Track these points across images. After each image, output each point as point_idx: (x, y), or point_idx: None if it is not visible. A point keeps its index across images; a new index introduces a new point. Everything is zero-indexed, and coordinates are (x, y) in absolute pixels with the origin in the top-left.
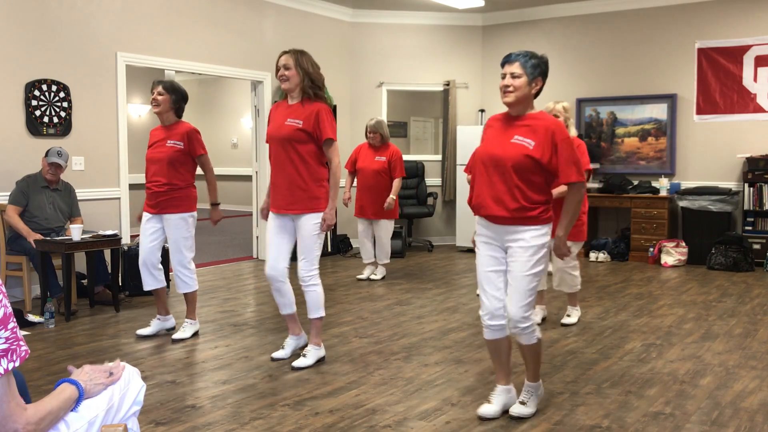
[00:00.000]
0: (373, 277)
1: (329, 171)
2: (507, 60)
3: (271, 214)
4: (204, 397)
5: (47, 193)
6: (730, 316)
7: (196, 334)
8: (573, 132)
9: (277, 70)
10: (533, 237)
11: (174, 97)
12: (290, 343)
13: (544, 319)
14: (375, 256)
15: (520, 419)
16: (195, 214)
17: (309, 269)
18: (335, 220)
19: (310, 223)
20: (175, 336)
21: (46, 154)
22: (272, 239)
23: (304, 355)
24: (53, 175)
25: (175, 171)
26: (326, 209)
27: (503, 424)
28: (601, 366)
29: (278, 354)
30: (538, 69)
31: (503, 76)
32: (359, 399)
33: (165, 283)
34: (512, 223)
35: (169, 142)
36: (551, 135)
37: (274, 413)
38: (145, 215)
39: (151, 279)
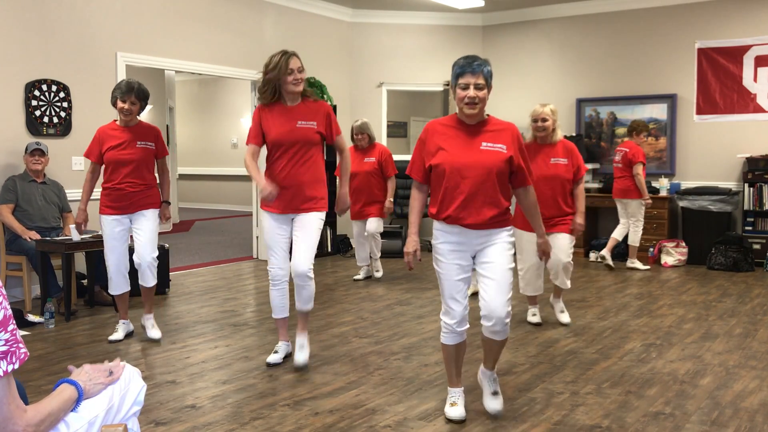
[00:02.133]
0: (376, 274)
1: (342, 159)
2: (470, 69)
3: (270, 214)
4: (204, 397)
5: (35, 186)
6: (730, 316)
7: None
8: (559, 135)
9: (285, 71)
10: (507, 236)
11: (143, 104)
12: (283, 348)
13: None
14: (370, 255)
15: (519, 418)
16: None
17: (311, 262)
18: (348, 205)
19: (317, 219)
20: (153, 335)
21: (26, 150)
22: (277, 240)
23: (301, 346)
24: (37, 163)
25: (148, 171)
26: (343, 193)
27: (504, 424)
28: (601, 366)
29: (273, 358)
30: (491, 76)
31: (465, 86)
32: (359, 399)
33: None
34: (489, 228)
35: (139, 143)
36: (516, 140)
37: (274, 413)
38: (110, 218)
39: (124, 282)
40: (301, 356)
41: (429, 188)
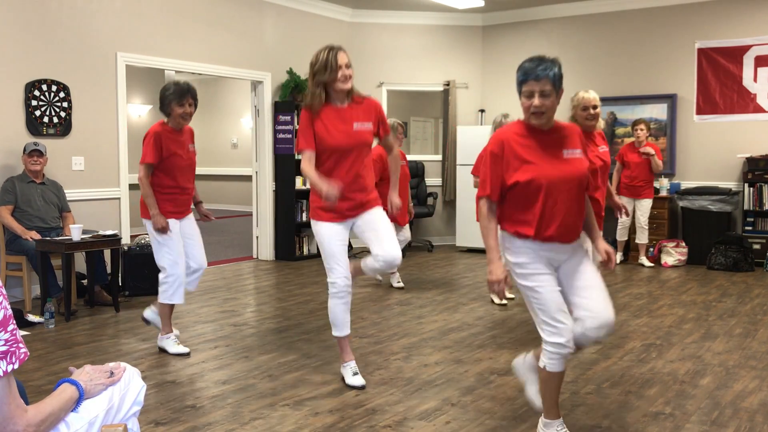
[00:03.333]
0: (398, 285)
1: (391, 159)
2: (534, 76)
3: (331, 225)
4: (204, 397)
5: (34, 186)
6: (730, 316)
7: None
8: (602, 124)
9: (331, 68)
10: (585, 240)
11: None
12: (353, 367)
13: None
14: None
15: (519, 417)
16: None
17: (399, 249)
18: (400, 204)
19: (380, 211)
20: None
21: (24, 151)
22: (340, 248)
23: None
24: (36, 163)
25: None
26: (393, 193)
27: (504, 424)
28: (601, 366)
29: (358, 381)
30: (561, 79)
31: (530, 94)
32: (359, 399)
33: None
34: (577, 238)
35: (190, 146)
36: (583, 143)
37: (274, 413)
38: (176, 222)
39: (182, 292)
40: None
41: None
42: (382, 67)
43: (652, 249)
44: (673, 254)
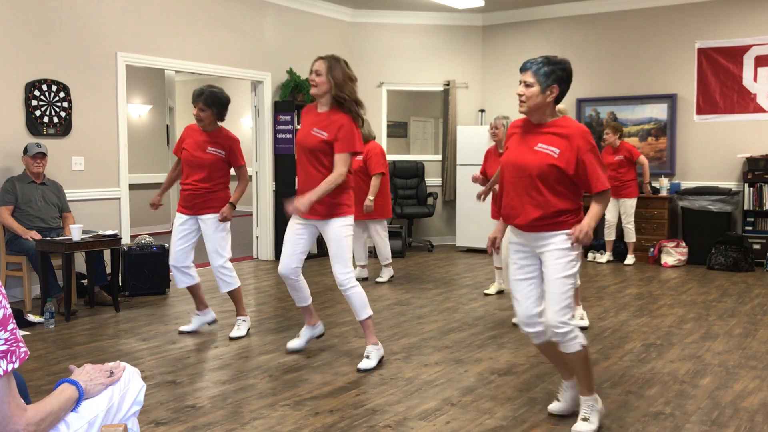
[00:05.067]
0: (378, 279)
1: (329, 176)
2: (522, 67)
3: (294, 217)
4: (204, 397)
5: (35, 186)
6: (730, 316)
7: (249, 331)
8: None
9: (310, 73)
10: (563, 241)
11: (215, 110)
12: (305, 333)
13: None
14: (364, 260)
15: (519, 417)
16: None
17: (345, 272)
18: (306, 208)
19: (338, 226)
20: (232, 334)
21: (26, 152)
22: (290, 238)
23: (367, 357)
24: (39, 166)
25: (214, 176)
26: (306, 199)
27: (504, 424)
28: (601, 366)
29: (293, 344)
30: (553, 76)
31: (520, 83)
32: (359, 399)
33: (198, 279)
34: (541, 230)
35: (210, 149)
36: (576, 144)
37: (274, 413)
38: (180, 216)
39: (183, 276)
40: (364, 365)
41: None
42: (382, 67)
43: (652, 249)
44: (673, 254)
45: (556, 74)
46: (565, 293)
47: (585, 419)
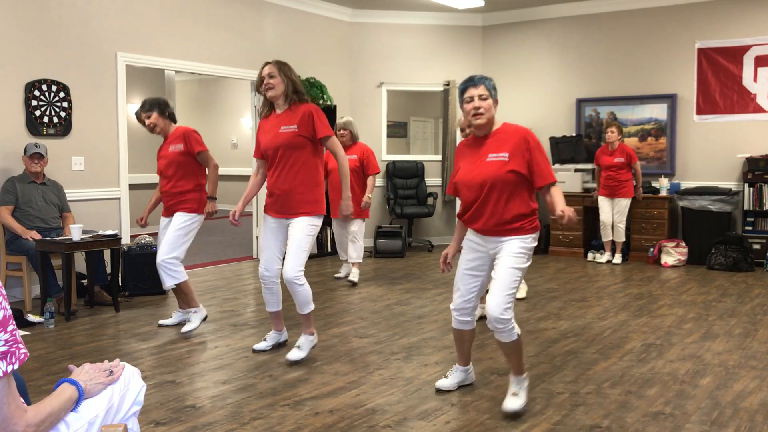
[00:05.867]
0: (351, 278)
1: (338, 164)
2: (471, 83)
3: (267, 217)
4: (204, 397)
5: (35, 186)
6: (730, 316)
7: (204, 320)
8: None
9: (261, 81)
10: (520, 241)
11: (158, 110)
12: (273, 337)
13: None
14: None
15: (519, 417)
16: (199, 216)
17: (297, 269)
18: (351, 210)
19: (305, 224)
20: (184, 329)
21: (25, 152)
22: (267, 242)
23: (298, 347)
24: (37, 165)
25: (181, 173)
26: (343, 199)
27: (503, 424)
28: (601, 366)
29: (259, 346)
30: (495, 89)
31: (470, 99)
32: (359, 399)
33: (185, 278)
34: (500, 235)
35: (170, 147)
36: (523, 142)
37: (274, 413)
38: (162, 220)
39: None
40: (294, 355)
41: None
42: (382, 67)
43: (652, 249)
44: (673, 254)
45: (495, 87)
46: (511, 284)
47: (515, 394)
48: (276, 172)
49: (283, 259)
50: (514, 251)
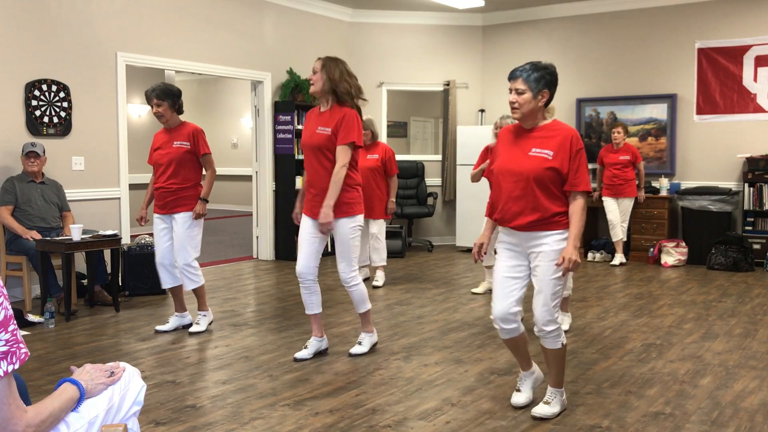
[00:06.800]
0: (375, 283)
1: (334, 170)
2: (512, 76)
3: (304, 217)
4: (204, 397)
5: (34, 186)
6: (730, 316)
7: (210, 324)
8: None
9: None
10: (555, 241)
11: (170, 101)
12: (313, 344)
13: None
14: (369, 259)
15: (519, 417)
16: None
17: (350, 270)
18: (331, 218)
19: (347, 227)
20: (192, 330)
21: (22, 151)
22: (304, 239)
23: (359, 343)
24: (33, 164)
25: (183, 171)
26: (325, 208)
27: (504, 424)
28: (601, 366)
29: (301, 354)
30: (543, 81)
31: (510, 91)
32: (359, 399)
33: (203, 280)
34: (535, 230)
35: (175, 143)
36: (569, 144)
37: (274, 413)
38: (157, 217)
39: (169, 277)
40: (356, 350)
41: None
42: (382, 67)
43: (652, 249)
44: (673, 254)
45: (546, 79)
46: (556, 294)
47: (547, 403)
48: (311, 170)
49: (318, 256)
50: (551, 257)
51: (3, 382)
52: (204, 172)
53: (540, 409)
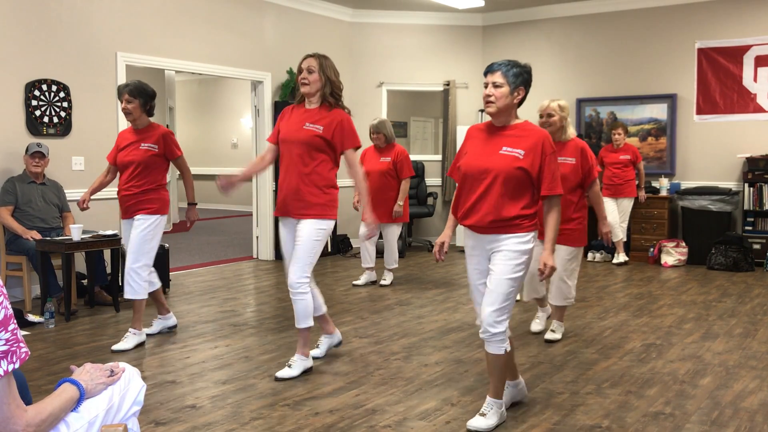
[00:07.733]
0: (382, 282)
1: (356, 177)
2: (489, 69)
3: (281, 222)
4: (204, 397)
5: (35, 186)
6: (730, 316)
7: (141, 346)
8: (572, 132)
9: (299, 71)
10: (516, 243)
11: (142, 101)
12: (324, 341)
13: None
14: (374, 261)
15: (518, 418)
16: (163, 217)
17: (300, 276)
18: (374, 224)
19: (312, 228)
20: (114, 347)
21: (26, 151)
22: (289, 248)
23: (289, 366)
24: (37, 165)
25: (147, 174)
26: (366, 214)
27: (503, 424)
28: (601, 366)
29: (315, 352)
30: (520, 78)
31: (485, 86)
32: (359, 399)
33: (158, 285)
34: (495, 232)
35: (143, 145)
36: (541, 146)
37: (274, 413)
38: (123, 222)
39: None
40: (283, 373)
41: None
42: (382, 67)
43: (652, 249)
44: (673, 254)
45: (523, 77)
46: (508, 294)
47: (483, 414)
48: (289, 167)
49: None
50: (509, 256)
51: (3, 381)
52: (180, 176)
53: (475, 422)
